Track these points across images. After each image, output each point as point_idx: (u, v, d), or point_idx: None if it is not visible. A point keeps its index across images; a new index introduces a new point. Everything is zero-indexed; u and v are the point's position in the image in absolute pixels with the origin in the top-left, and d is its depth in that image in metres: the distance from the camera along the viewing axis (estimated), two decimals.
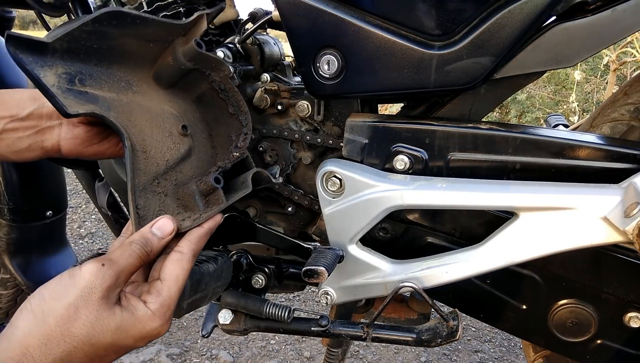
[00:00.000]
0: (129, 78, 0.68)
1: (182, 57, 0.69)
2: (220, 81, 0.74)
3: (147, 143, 0.68)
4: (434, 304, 0.77)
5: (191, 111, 0.76)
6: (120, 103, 0.66)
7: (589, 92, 8.92)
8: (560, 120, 1.21)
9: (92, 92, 0.63)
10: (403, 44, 0.74)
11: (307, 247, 0.83)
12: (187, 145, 0.73)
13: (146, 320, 0.58)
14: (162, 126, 0.71)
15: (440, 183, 0.74)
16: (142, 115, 0.69)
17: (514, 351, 2.00)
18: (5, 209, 1.34)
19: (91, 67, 0.64)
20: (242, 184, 0.74)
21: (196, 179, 0.70)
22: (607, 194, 0.67)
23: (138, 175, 0.65)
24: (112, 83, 0.66)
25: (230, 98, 0.75)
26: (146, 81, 0.71)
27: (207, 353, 1.79)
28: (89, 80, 0.63)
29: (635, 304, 0.79)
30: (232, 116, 0.77)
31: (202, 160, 0.76)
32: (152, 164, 0.68)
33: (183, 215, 0.67)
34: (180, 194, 0.69)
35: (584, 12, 0.72)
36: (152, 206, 0.66)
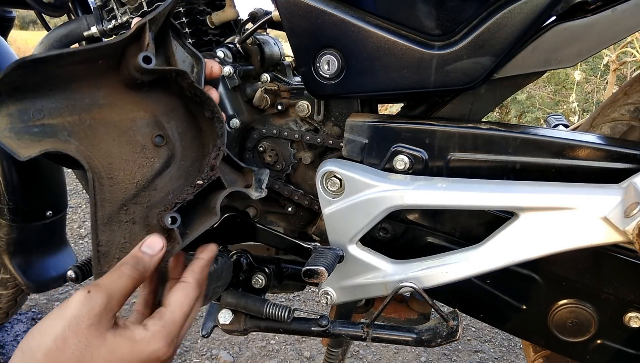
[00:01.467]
0: (92, 92, 0.61)
1: (135, 72, 0.61)
2: (188, 88, 0.65)
3: (115, 166, 0.62)
4: (434, 304, 0.77)
5: (174, 107, 0.68)
6: (82, 127, 0.60)
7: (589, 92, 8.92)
8: (560, 120, 1.21)
9: (51, 123, 0.57)
10: (403, 44, 0.74)
11: (307, 247, 0.83)
12: (163, 157, 0.66)
13: (145, 342, 0.56)
14: (133, 140, 0.64)
15: (440, 183, 0.74)
16: (108, 134, 0.62)
17: (514, 351, 2.00)
18: (5, 209, 1.34)
19: (46, 95, 0.57)
20: (212, 210, 0.66)
21: (160, 210, 0.63)
22: (607, 194, 0.67)
23: (103, 207, 0.60)
24: (74, 104, 0.59)
25: (205, 102, 0.67)
26: (114, 88, 0.63)
27: (207, 353, 1.79)
28: (47, 109, 0.57)
29: (635, 304, 0.79)
30: (210, 121, 0.68)
31: (186, 168, 0.68)
32: (119, 190, 0.62)
33: None
34: (150, 221, 0.63)
35: (584, 12, 0.72)
36: (116, 239, 0.61)
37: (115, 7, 0.97)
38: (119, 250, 0.60)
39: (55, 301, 2.09)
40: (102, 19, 1.00)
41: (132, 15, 0.95)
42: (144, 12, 0.94)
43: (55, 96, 0.58)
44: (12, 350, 1.75)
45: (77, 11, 1.09)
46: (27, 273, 1.40)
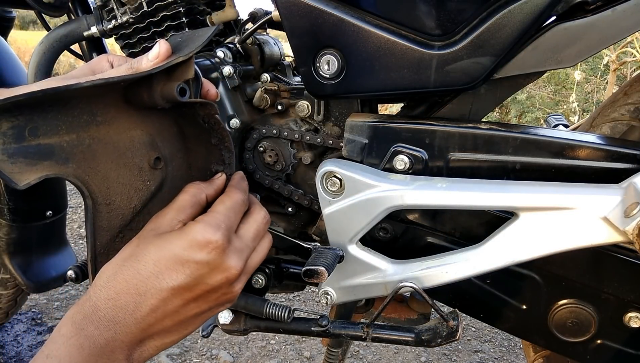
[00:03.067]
0: (91, 108, 0.57)
1: (159, 99, 0.58)
2: (205, 116, 0.64)
3: (112, 190, 0.59)
4: (434, 304, 0.77)
5: (168, 126, 0.66)
6: (80, 148, 0.56)
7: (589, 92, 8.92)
8: (560, 120, 1.21)
9: (47, 143, 0.52)
10: (403, 44, 0.74)
11: (307, 247, 0.83)
12: (158, 179, 0.65)
13: (193, 231, 0.54)
14: (131, 163, 0.62)
15: (440, 183, 0.74)
16: (106, 156, 0.59)
17: (514, 351, 2.00)
18: (5, 209, 1.34)
19: (44, 111, 0.52)
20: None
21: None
22: (607, 194, 0.67)
23: (100, 236, 0.58)
24: (72, 120, 0.54)
25: (215, 130, 0.66)
26: (114, 106, 0.59)
27: (207, 353, 1.79)
28: (43, 127, 0.52)
29: (635, 304, 0.79)
30: (214, 147, 0.67)
31: (176, 189, 0.66)
32: (116, 217, 0.60)
33: None
34: None
35: (584, 12, 0.72)
36: None
37: (115, 7, 0.97)
38: None
39: (55, 301, 2.09)
40: (102, 19, 1.00)
41: (132, 15, 0.95)
42: (144, 13, 0.94)
43: (54, 111, 0.53)
44: (12, 350, 1.75)
45: (77, 11, 1.09)
46: (27, 273, 1.40)
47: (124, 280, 0.53)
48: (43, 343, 1.80)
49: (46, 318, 1.95)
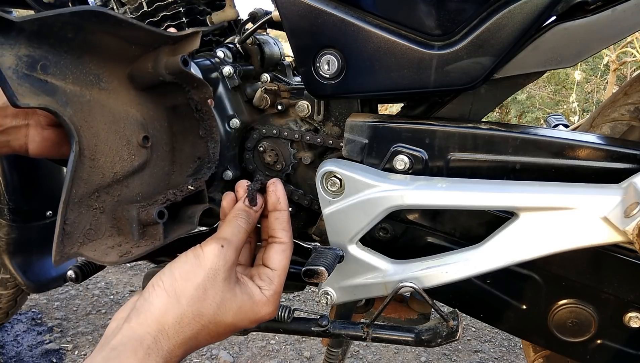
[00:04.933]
0: (99, 72, 0.62)
1: (163, 69, 0.63)
2: (198, 101, 0.68)
3: (99, 149, 0.62)
4: (434, 304, 0.77)
5: (159, 118, 0.70)
6: (81, 99, 0.60)
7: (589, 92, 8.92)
8: (560, 120, 1.21)
9: (53, 83, 0.57)
10: (403, 44, 0.74)
11: (307, 247, 0.83)
12: (143, 158, 0.67)
13: (262, 306, 0.62)
14: (122, 132, 0.65)
15: (440, 183, 0.74)
16: (102, 116, 0.62)
17: (514, 351, 2.00)
18: (5, 209, 1.34)
19: (59, 54, 0.57)
20: (188, 219, 0.68)
21: (139, 205, 0.64)
22: (607, 194, 0.67)
23: (78, 185, 0.59)
24: (79, 75, 0.60)
25: (205, 121, 0.70)
26: (118, 78, 0.64)
27: (207, 353, 1.79)
28: (53, 68, 0.57)
29: (635, 304, 0.79)
30: (201, 139, 0.71)
31: (156, 176, 0.69)
32: (97, 174, 0.62)
33: (115, 240, 0.62)
34: (118, 215, 0.63)
35: (584, 12, 0.72)
36: (82, 223, 0.60)
37: (115, 7, 0.97)
38: (83, 234, 0.59)
39: (55, 301, 2.09)
40: None
41: (132, 16, 0.95)
42: (144, 13, 0.95)
43: (68, 59, 0.58)
44: (12, 350, 1.75)
45: None
46: (27, 273, 1.40)
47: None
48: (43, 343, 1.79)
49: (46, 318, 1.95)
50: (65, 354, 1.73)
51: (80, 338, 1.82)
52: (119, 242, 0.62)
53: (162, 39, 0.63)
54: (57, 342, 1.79)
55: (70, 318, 1.96)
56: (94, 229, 0.61)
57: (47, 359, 1.70)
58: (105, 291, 2.18)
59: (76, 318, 1.95)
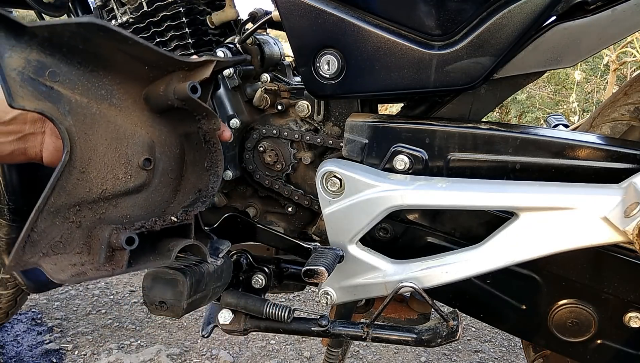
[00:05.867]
0: (112, 88, 0.62)
1: (172, 93, 0.62)
2: (207, 131, 0.67)
3: (93, 163, 0.60)
4: (434, 304, 0.77)
5: (171, 144, 0.69)
6: (85, 111, 0.59)
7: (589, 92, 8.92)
8: (560, 120, 1.21)
9: (59, 91, 0.57)
10: (403, 44, 0.74)
11: (307, 247, 0.83)
12: (140, 180, 0.65)
13: None
14: (123, 151, 0.63)
15: (440, 183, 0.74)
16: (105, 132, 0.61)
17: (514, 351, 2.00)
18: (5, 209, 1.34)
19: (71, 64, 0.57)
20: (166, 252, 0.65)
21: (114, 226, 0.61)
22: (607, 194, 0.67)
23: (58, 194, 0.57)
24: (90, 87, 0.60)
25: (211, 153, 0.69)
26: (133, 97, 0.64)
27: (207, 353, 1.79)
28: (63, 76, 0.57)
29: (635, 304, 0.79)
30: (205, 171, 0.70)
31: (152, 202, 0.67)
32: (83, 187, 0.60)
33: (81, 258, 0.59)
34: (95, 233, 0.60)
35: (584, 12, 0.72)
36: (52, 234, 0.57)
37: (115, 7, 0.97)
38: (49, 246, 0.57)
39: (55, 301, 2.09)
40: (102, 19, 1.00)
41: (132, 15, 0.95)
42: (144, 13, 0.94)
43: (80, 70, 0.58)
44: (12, 350, 1.75)
45: (77, 11, 1.09)
46: (27, 273, 1.40)
47: None
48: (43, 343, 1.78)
49: (46, 318, 1.95)
50: (65, 354, 1.73)
51: (80, 338, 1.82)
52: (82, 261, 0.59)
53: (176, 63, 0.62)
54: (57, 342, 1.79)
55: (70, 318, 1.96)
56: (63, 242, 0.58)
57: (47, 359, 1.70)
58: (105, 291, 2.18)
59: (76, 318, 1.95)
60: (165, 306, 0.69)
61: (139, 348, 1.76)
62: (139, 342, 1.80)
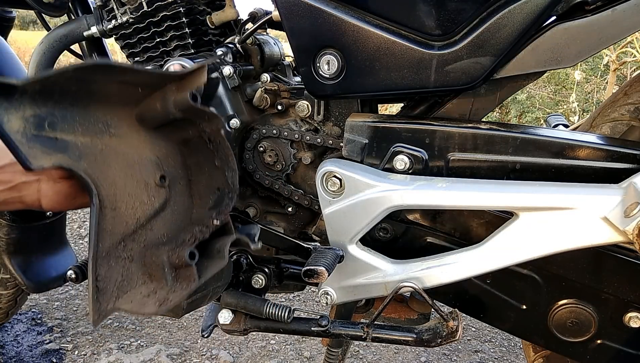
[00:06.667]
0: (106, 119, 0.60)
1: (172, 107, 0.61)
2: (211, 133, 0.67)
3: (119, 197, 0.60)
4: (434, 304, 0.77)
5: (172, 154, 0.69)
6: (93, 150, 0.59)
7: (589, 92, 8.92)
8: (560, 120, 1.21)
9: (63, 138, 0.55)
10: (403, 44, 0.74)
11: (307, 247, 0.83)
12: (162, 198, 0.66)
13: None
14: (139, 176, 0.63)
15: (440, 183, 0.74)
16: (117, 163, 0.61)
17: (514, 351, 2.00)
18: None
19: (64, 108, 0.56)
20: (218, 254, 0.66)
21: (168, 248, 0.62)
22: (607, 194, 0.67)
23: (103, 238, 0.57)
24: (88, 125, 0.58)
25: (219, 151, 0.68)
26: (127, 122, 0.63)
27: (207, 353, 1.79)
28: (61, 123, 0.55)
29: (635, 304, 0.79)
30: (218, 169, 0.69)
31: (177, 214, 0.68)
32: (120, 223, 0.60)
33: (148, 287, 0.60)
34: (148, 261, 0.61)
35: (584, 12, 0.72)
36: (113, 276, 0.58)
37: (115, 7, 0.97)
38: (116, 287, 0.58)
39: (55, 301, 2.09)
40: (102, 19, 1.00)
41: (132, 15, 0.95)
42: (144, 13, 0.94)
43: (74, 112, 0.56)
44: (12, 350, 1.75)
45: (77, 11, 1.09)
46: (27, 273, 1.40)
47: None
48: (43, 343, 1.79)
49: (46, 318, 1.95)
50: (65, 354, 1.73)
51: (80, 338, 1.82)
52: (153, 289, 0.60)
53: (167, 78, 0.61)
54: (57, 342, 1.79)
55: (70, 318, 1.96)
56: (126, 280, 0.59)
57: (47, 359, 1.70)
58: None
59: (76, 318, 1.95)
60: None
61: (139, 348, 1.76)
62: (139, 342, 1.80)
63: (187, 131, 0.67)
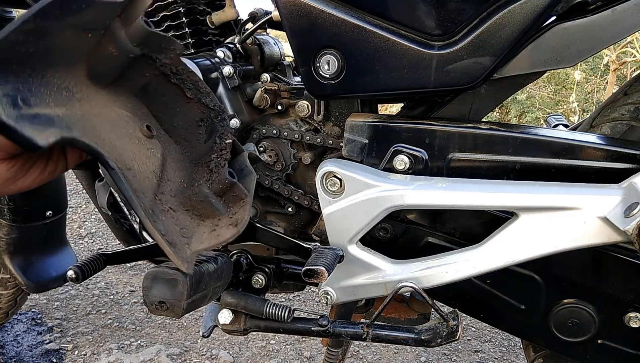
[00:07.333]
0: (67, 84, 0.54)
1: (128, 43, 0.55)
2: (171, 63, 0.61)
3: (125, 157, 0.57)
4: (434, 304, 0.77)
5: (138, 106, 0.63)
6: (75, 118, 0.53)
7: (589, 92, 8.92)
8: (560, 120, 1.21)
9: (43, 113, 0.49)
10: (403, 44, 0.74)
11: (307, 247, 0.83)
12: (159, 147, 0.62)
13: None
14: (127, 133, 0.59)
15: (440, 183, 0.74)
16: (103, 127, 0.56)
17: (514, 351, 2.00)
18: (5, 209, 1.34)
19: (26, 80, 0.48)
20: (243, 171, 0.66)
21: (202, 182, 0.60)
22: (607, 194, 0.67)
23: (141, 198, 0.54)
24: (54, 95, 0.51)
25: (186, 81, 0.63)
26: (84, 84, 0.56)
27: (207, 353, 1.79)
28: (32, 98, 0.48)
29: (635, 304, 0.79)
30: (191, 101, 0.65)
31: (177, 159, 0.65)
32: (143, 180, 0.57)
33: (207, 225, 0.59)
34: (188, 205, 0.60)
35: (584, 12, 0.72)
36: (171, 228, 0.56)
37: None
38: (181, 236, 0.56)
39: (55, 301, 2.09)
40: None
41: None
42: (144, 13, 0.94)
43: (36, 83, 0.49)
44: (12, 350, 1.75)
45: None
46: (27, 273, 1.40)
47: None
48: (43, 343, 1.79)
49: (46, 318, 1.95)
50: (65, 354, 1.73)
51: (80, 338, 1.82)
52: (212, 223, 0.59)
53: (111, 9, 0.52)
54: (57, 342, 1.79)
55: (70, 318, 1.96)
56: (184, 227, 0.58)
57: (47, 359, 1.70)
58: (105, 291, 2.18)
59: (76, 318, 1.95)
60: (165, 306, 0.69)
61: (139, 348, 1.76)
62: (139, 342, 1.80)
63: (143, 75, 0.61)
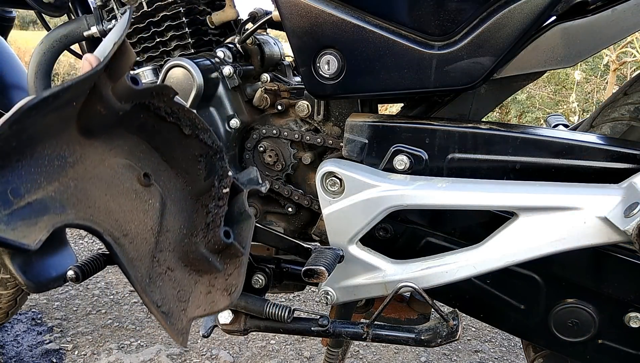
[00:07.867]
0: (57, 152, 0.52)
1: (115, 101, 0.54)
2: (166, 106, 0.61)
3: (122, 221, 0.56)
4: (434, 304, 0.77)
5: (136, 146, 0.62)
6: (69, 192, 0.52)
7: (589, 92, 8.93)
8: (560, 120, 1.21)
9: (35, 199, 0.47)
10: (403, 44, 0.74)
11: (307, 247, 0.83)
12: (157, 195, 0.62)
13: None
14: (123, 189, 0.58)
15: (440, 183, 0.74)
16: (98, 191, 0.55)
17: (514, 351, 2.00)
18: None
19: (14, 167, 0.46)
20: (242, 215, 0.65)
21: (198, 239, 0.59)
22: (607, 194, 0.67)
23: (136, 268, 0.55)
24: (46, 170, 0.50)
25: (182, 118, 0.62)
26: (77, 143, 0.55)
27: (207, 353, 1.79)
28: (22, 185, 0.46)
29: (635, 304, 0.79)
30: (188, 137, 0.64)
31: (178, 200, 0.64)
32: (140, 244, 0.57)
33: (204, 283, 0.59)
34: (185, 260, 0.59)
35: (584, 12, 0.73)
36: (168, 292, 0.56)
37: (115, 7, 0.97)
38: (177, 301, 0.57)
39: (55, 301, 2.09)
40: (102, 19, 1.00)
41: (132, 15, 0.95)
42: (144, 13, 0.95)
43: (25, 166, 0.48)
44: (12, 350, 1.75)
45: (77, 11, 1.09)
46: (27, 273, 1.40)
47: None
48: (43, 343, 1.78)
49: (46, 318, 1.95)
50: (65, 354, 1.73)
51: (80, 338, 1.82)
52: (209, 282, 0.59)
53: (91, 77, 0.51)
54: (57, 342, 1.79)
55: (70, 318, 1.96)
56: (181, 288, 0.58)
57: (47, 359, 1.70)
58: (105, 291, 2.18)
59: (76, 318, 1.95)
60: None
61: (139, 348, 1.76)
62: (139, 342, 1.80)
63: (139, 117, 0.60)
